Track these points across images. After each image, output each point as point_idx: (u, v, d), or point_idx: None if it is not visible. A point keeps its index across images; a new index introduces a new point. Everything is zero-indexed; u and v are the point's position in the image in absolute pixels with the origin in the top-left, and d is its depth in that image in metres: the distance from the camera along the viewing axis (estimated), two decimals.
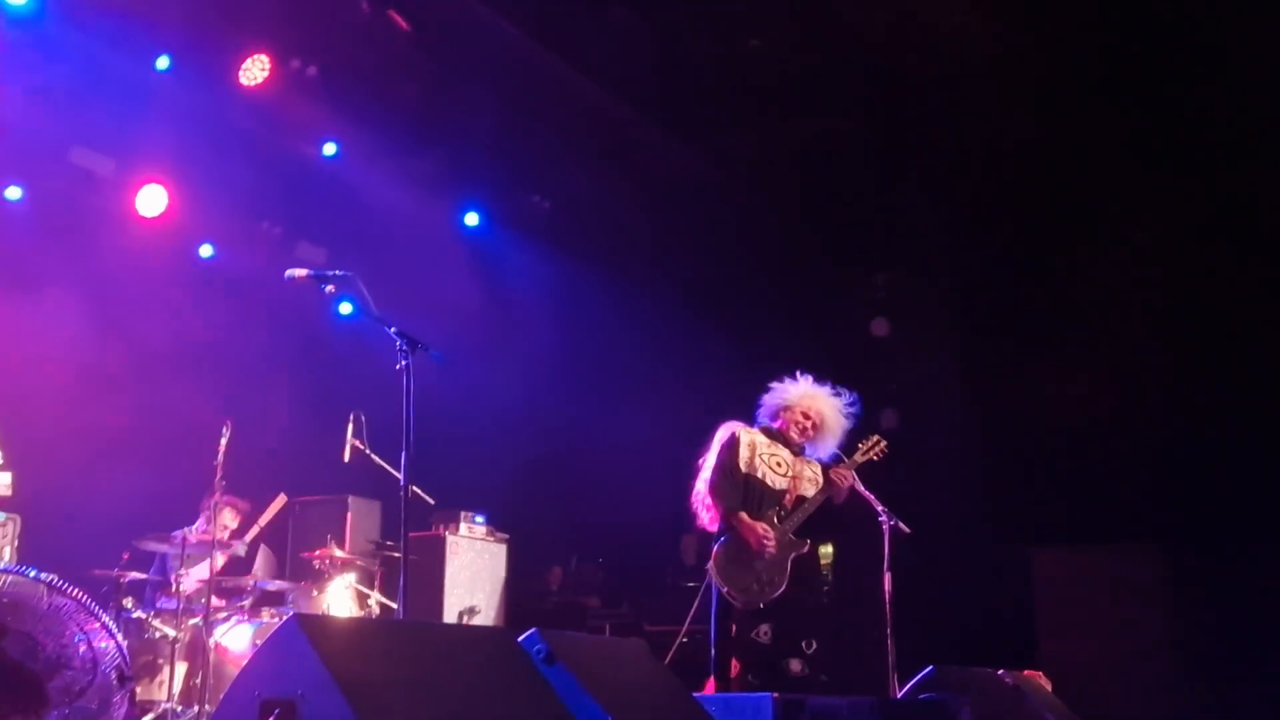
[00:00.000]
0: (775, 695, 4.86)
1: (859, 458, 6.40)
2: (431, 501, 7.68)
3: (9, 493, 6.71)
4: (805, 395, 6.47)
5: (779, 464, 6.33)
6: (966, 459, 9.69)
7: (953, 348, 10.23)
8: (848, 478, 6.29)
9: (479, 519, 9.42)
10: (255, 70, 8.34)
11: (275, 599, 7.44)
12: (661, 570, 10.52)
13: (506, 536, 9.58)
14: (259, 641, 6.79)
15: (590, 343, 10.60)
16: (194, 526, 7.40)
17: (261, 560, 8.08)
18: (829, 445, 6.46)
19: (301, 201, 9.61)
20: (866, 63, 8.49)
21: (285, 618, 4.66)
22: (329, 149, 9.46)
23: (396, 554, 7.99)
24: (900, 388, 10.31)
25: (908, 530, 6.45)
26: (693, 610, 6.81)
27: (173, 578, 6.98)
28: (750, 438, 6.38)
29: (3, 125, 8.00)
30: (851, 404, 6.51)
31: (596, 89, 8.96)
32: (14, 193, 8.57)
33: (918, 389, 10.17)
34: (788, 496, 6.27)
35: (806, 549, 6.18)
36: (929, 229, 9.90)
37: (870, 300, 11.04)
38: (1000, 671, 6.52)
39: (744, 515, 6.17)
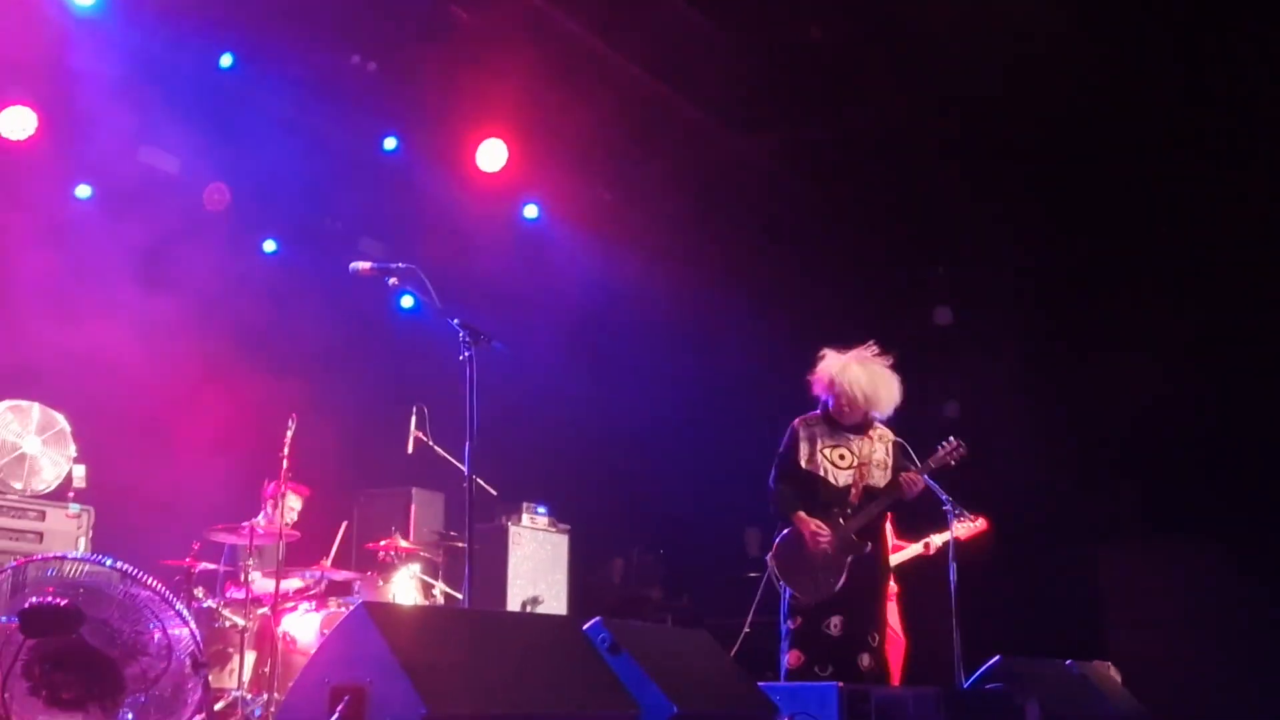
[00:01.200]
0: (841, 685, 4.84)
1: (933, 463, 6.17)
2: (494, 492, 7.71)
3: (84, 485, 6.87)
4: (835, 373, 6.19)
5: (842, 456, 6.16)
6: (1031, 449, 9.57)
7: (1017, 338, 10.12)
8: (918, 484, 6.10)
9: (541, 510, 9.47)
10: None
11: (342, 589, 7.53)
12: (724, 562, 10.50)
13: (568, 527, 9.62)
14: (326, 630, 6.86)
15: (652, 335, 10.59)
16: (259, 517, 7.50)
17: None
18: (886, 407, 6.21)
19: (362, 196, 9.70)
20: (930, 54, 8.40)
21: (352, 607, 4.71)
22: (389, 143, 9.55)
23: (460, 544, 8.06)
24: (963, 378, 10.21)
25: (974, 521, 6.39)
26: (756, 599, 6.77)
27: (242, 567, 7.08)
28: (810, 430, 6.22)
29: (73, 125, 8.15)
30: (880, 354, 6.23)
31: (658, 82, 8.95)
32: (84, 191, 8.74)
33: (981, 379, 10.06)
34: (853, 491, 6.11)
35: (868, 550, 6.06)
36: (992, 219, 9.79)
37: (933, 290, 10.95)
38: (1069, 662, 6.45)
39: (800, 514, 6.07)
